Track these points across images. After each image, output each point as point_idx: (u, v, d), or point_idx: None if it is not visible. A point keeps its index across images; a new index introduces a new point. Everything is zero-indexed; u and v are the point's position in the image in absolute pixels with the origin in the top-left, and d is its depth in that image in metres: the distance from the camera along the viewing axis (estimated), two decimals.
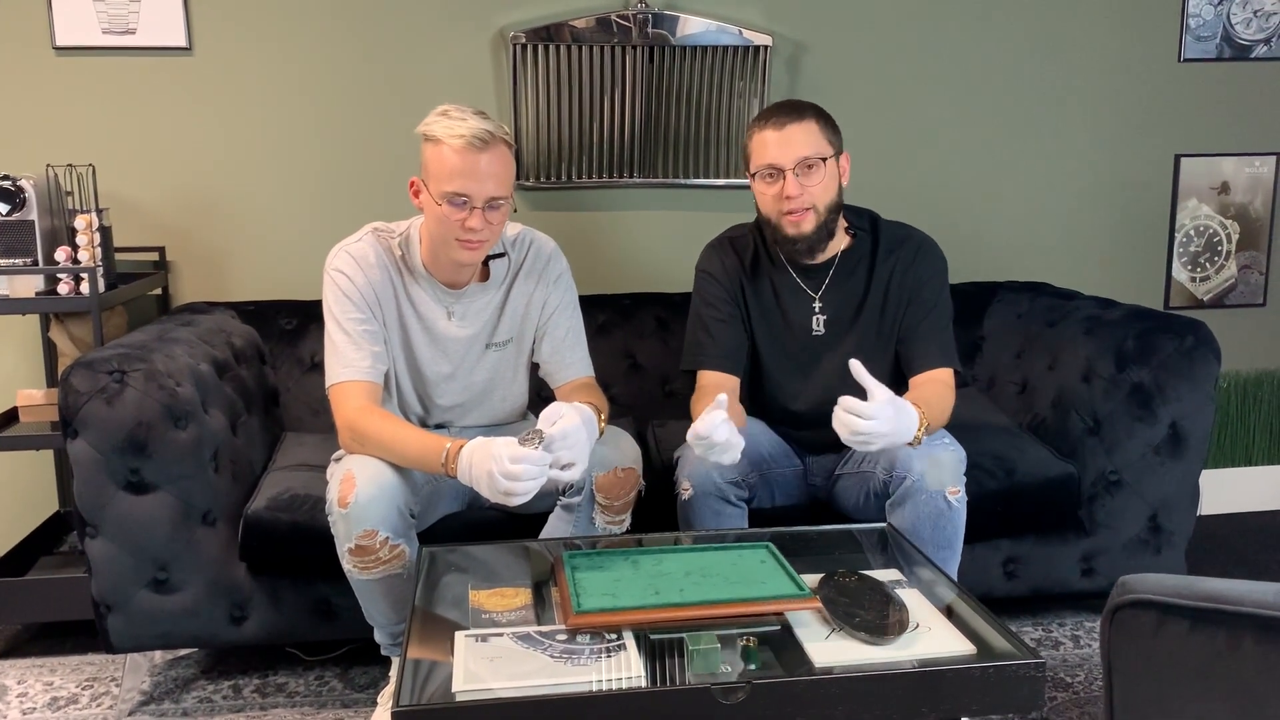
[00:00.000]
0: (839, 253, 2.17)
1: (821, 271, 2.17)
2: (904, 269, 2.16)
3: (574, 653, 1.45)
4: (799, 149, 2.03)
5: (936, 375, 2.11)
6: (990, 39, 3.06)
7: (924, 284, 2.15)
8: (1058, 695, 2.25)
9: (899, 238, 2.19)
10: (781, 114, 2.06)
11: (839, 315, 2.17)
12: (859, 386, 1.85)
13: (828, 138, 2.07)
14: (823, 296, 2.17)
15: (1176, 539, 2.46)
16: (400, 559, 1.90)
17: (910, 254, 2.17)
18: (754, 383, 2.23)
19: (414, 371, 2.10)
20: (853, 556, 1.87)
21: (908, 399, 1.94)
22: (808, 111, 2.07)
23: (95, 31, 2.70)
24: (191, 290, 2.85)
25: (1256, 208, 3.26)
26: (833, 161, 2.07)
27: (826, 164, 2.06)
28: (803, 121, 2.05)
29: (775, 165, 2.05)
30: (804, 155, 2.03)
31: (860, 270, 2.17)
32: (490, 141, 1.88)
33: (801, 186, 2.04)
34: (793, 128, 2.04)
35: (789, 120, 2.05)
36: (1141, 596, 1.23)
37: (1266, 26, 3.16)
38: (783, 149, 2.04)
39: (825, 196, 2.07)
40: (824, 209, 2.08)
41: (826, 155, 2.06)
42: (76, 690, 2.31)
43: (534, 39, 2.77)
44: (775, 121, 2.05)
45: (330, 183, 2.86)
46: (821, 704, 1.38)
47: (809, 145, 2.04)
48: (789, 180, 2.04)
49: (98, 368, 2.06)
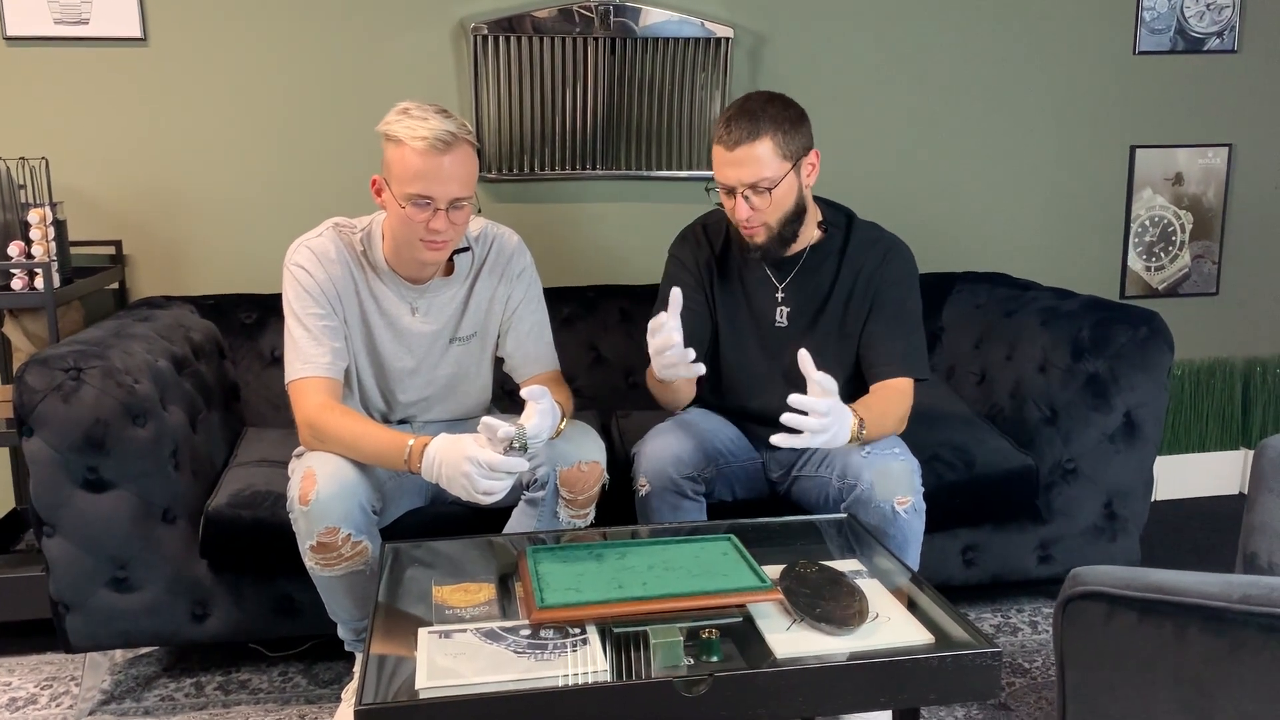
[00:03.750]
0: (808, 246, 2.17)
1: (790, 263, 2.17)
2: (871, 269, 2.14)
3: (538, 647, 1.46)
4: (747, 175, 1.99)
5: (893, 384, 2.09)
6: (948, 31, 3.08)
7: (889, 286, 2.13)
8: (1016, 680, 2.29)
9: (870, 238, 2.18)
10: (738, 131, 1.99)
11: (803, 309, 2.17)
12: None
13: (785, 153, 2.00)
14: (786, 288, 2.18)
15: (1131, 526, 2.51)
16: (362, 555, 1.90)
17: (879, 255, 2.15)
18: (715, 374, 2.23)
19: (376, 367, 2.09)
20: (814, 547, 1.89)
21: (858, 403, 1.97)
22: (764, 127, 1.98)
23: (47, 22, 2.65)
24: (149, 285, 2.81)
25: (1209, 198, 3.32)
26: (790, 176, 2.02)
27: (782, 182, 2.01)
28: (755, 143, 1.98)
29: (726, 184, 2.03)
30: (750, 182, 1.99)
31: (827, 266, 2.17)
32: (453, 143, 1.87)
33: (750, 208, 2.02)
34: (743, 151, 1.98)
35: (741, 140, 1.98)
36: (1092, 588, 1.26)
37: (1219, 19, 3.21)
38: (733, 170, 2.00)
39: (777, 213, 2.04)
40: (776, 224, 2.05)
41: (780, 177, 2.00)
42: (35, 690, 2.29)
43: (495, 30, 2.76)
44: (731, 139, 1.99)
45: (289, 175, 2.83)
46: (782, 695, 1.40)
47: (756, 171, 1.98)
48: (739, 202, 2.02)
49: (54, 364, 2.03)
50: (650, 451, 2.09)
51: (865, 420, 1.94)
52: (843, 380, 2.15)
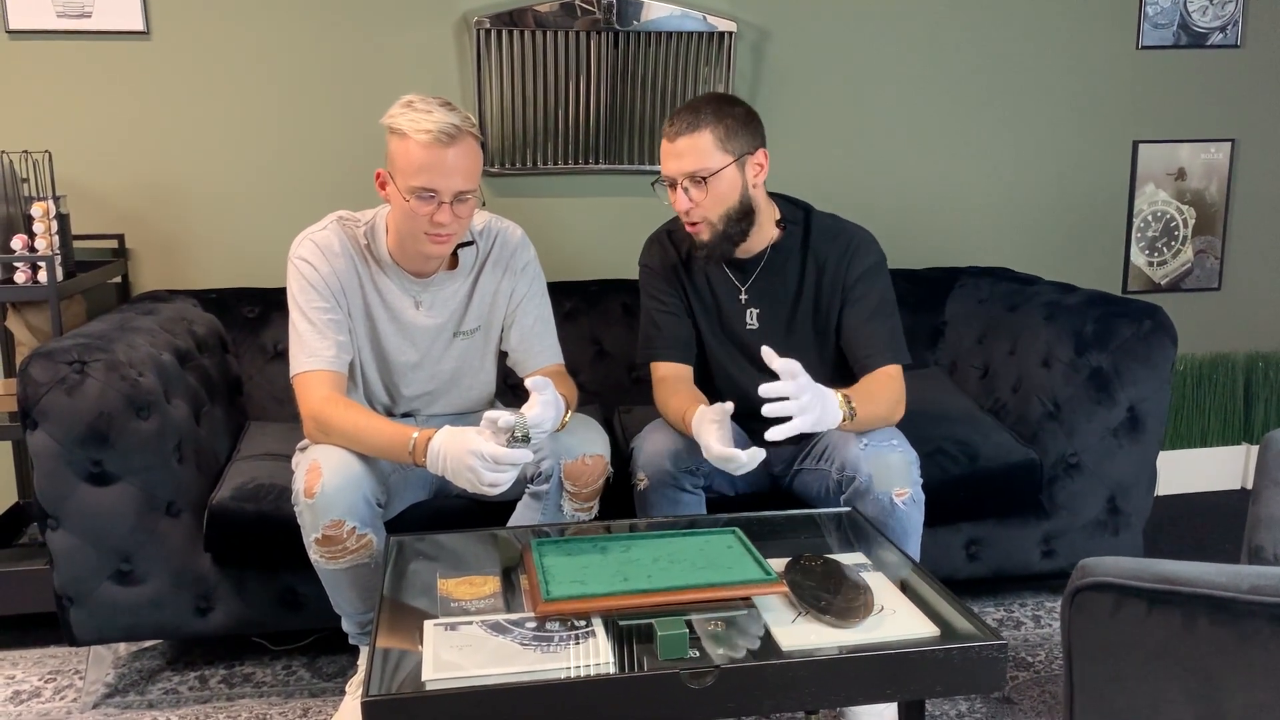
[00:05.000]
0: (769, 246, 2.15)
1: (752, 265, 2.15)
2: (835, 263, 2.12)
3: (543, 640, 1.46)
4: (687, 164, 1.98)
5: (880, 373, 2.09)
6: (952, 25, 3.08)
7: (858, 279, 2.12)
8: (1019, 674, 2.29)
9: (831, 231, 2.15)
10: (679, 122, 1.99)
11: (771, 310, 2.16)
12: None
13: (725, 146, 1.99)
14: (749, 290, 2.16)
15: (1134, 520, 2.51)
16: (367, 548, 1.90)
17: (841, 248, 2.13)
18: (706, 374, 2.24)
19: (380, 360, 2.09)
20: (818, 541, 1.89)
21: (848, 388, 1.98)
22: (705, 119, 1.98)
23: (50, 15, 2.65)
24: (152, 278, 2.81)
25: (1212, 193, 3.31)
26: (731, 170, 2.00)
27: (721, 174, 1.99)
28: (695, 134, 1.97)
29: (668, 176, 2.03)
30: (689, 171, 1.99)
31: (790, 264, 2.15)
32: (457, 136, 1.87)
33: (689, 200, 2.01)
34: (683, 141, 1.98)
35: (682, 132, 1.98)
36: (1100, 579, 1.26)
37: (1222, 14, 3.21)
38: (674, 161, 2.00)
39: (718, 208, 2.02)
40: (718, 219, 2.03)
41: (717, 168, 1.99)
42: (39, 684, 2.29)
43: (498, 24, 2.75)
44: (673, 130, 2.00)
45: (293, 168, 2.83)
46: (788, 687, 1.40)
47: (695, 160, 1.98)
48: (678, 194, 2.02)
49: (57, 358, 2.03)
50: (648, 446, 2.08)
51: (852, 397, 1.95)
52: (827, 377, 2.15)
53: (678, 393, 2.12)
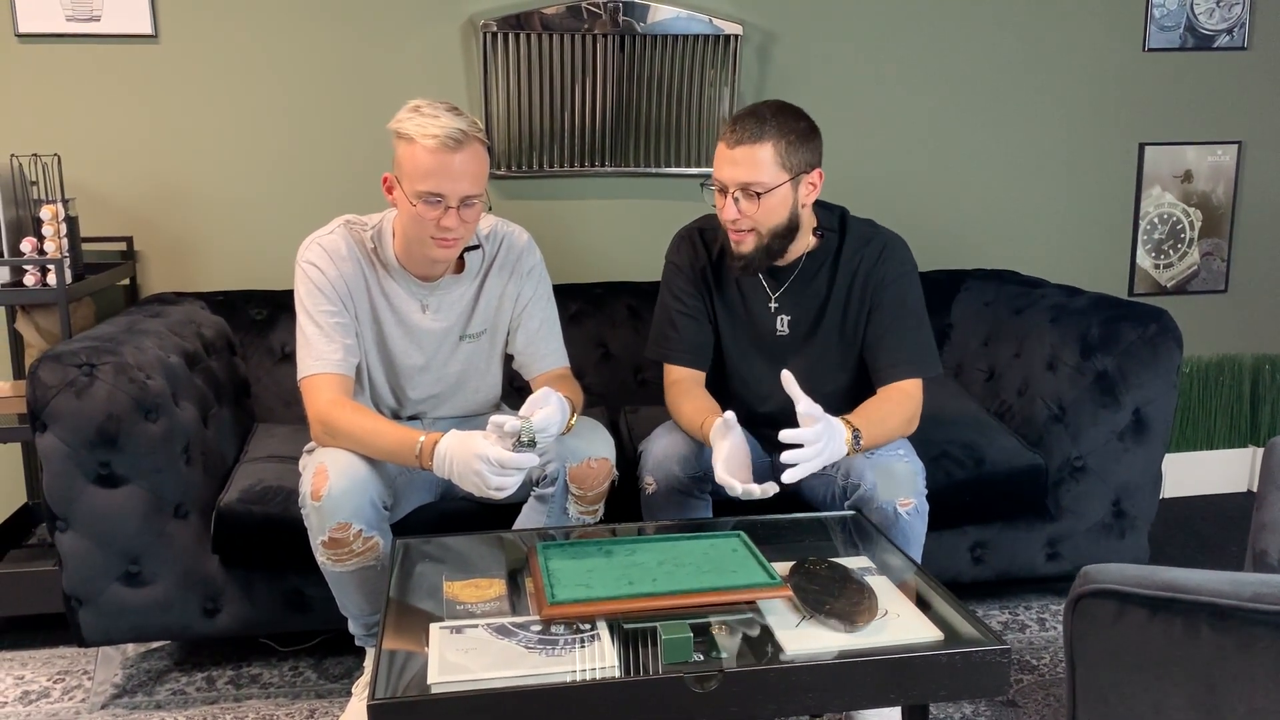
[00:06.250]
0: (804, 254, 2.12)
1: (786, 273, 2.13)
2: (868, 269, 2.10)
3: (548, 643, 1.46)
4: (742, 174, 1.95)
5: (898, 387, 2.06)
6: (958, 29, 3.08)
7: (888, 285, 2.09)
8: (1024, 678, 2.29)
9: (865, 236, 2.13)
10: (742, 129, 1.96)
11: (802, 317, 2.14)
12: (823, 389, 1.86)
13: (785, 163, 1.96)
14: (780, 298, 2.14)
15: (1140, 523, 2.51)
16: (374, 551, 1.91)
17: (874, 253, 2.10)
18: (722, 379, 2.22)
19: (387, 364, 2.10)
20: (823, 545, 1.89)
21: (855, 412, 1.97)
22: (769, 133, 1.95)
23: (59, 18, 2.66)
24: (160, 281, 2.82)
25: (1219, 195, 3.31)
26: (785, 188, 1.98)
27: (775, 191, 1.97)
28: (757, 145, 1.94)
29: (720, 182, 2.00)
30: (743, 181, 1.96)
31: (824, 272, 2.13)
32: (464, 140, 1.88)
33: (738, 211, 1.97)
34: (743, 150, 1.95)
35: (744, 140, 1.95)
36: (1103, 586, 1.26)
37: (1229, 17, 3.21)
38: (729, 169, 1.97)
39: (769, 221, 2.00)
40: (766, 232, 2.01)
41: (773, 185, 1.96)
42: (48, 684, 2.30)
43: (504, 27, 2.76)
44: (734, 136, 1.96)
45: (300, 171, 2.84)
46: (792, 691, 1.40)
47: (754, 173, 1.95)
48: (728, 202, 1.99)
49: (66, 360, 2.04)
50: (656, 450, 2.08)
51: (861, 429, 1.93)
52: (846, 385, 2.14)
53: (692, 398, 2.12)
